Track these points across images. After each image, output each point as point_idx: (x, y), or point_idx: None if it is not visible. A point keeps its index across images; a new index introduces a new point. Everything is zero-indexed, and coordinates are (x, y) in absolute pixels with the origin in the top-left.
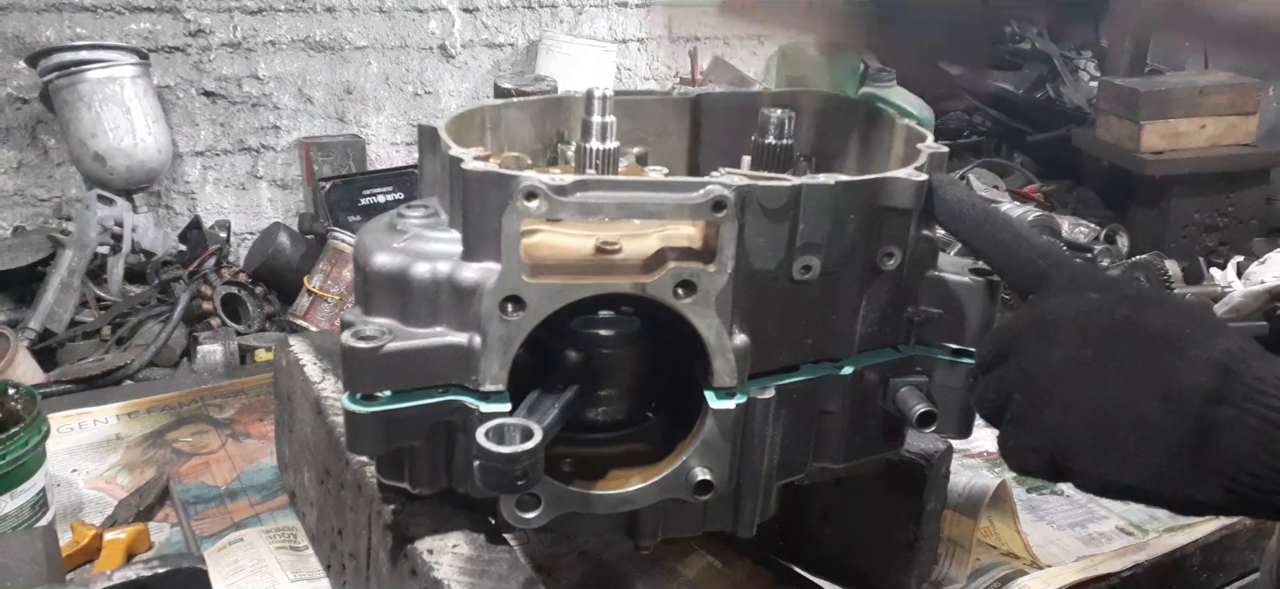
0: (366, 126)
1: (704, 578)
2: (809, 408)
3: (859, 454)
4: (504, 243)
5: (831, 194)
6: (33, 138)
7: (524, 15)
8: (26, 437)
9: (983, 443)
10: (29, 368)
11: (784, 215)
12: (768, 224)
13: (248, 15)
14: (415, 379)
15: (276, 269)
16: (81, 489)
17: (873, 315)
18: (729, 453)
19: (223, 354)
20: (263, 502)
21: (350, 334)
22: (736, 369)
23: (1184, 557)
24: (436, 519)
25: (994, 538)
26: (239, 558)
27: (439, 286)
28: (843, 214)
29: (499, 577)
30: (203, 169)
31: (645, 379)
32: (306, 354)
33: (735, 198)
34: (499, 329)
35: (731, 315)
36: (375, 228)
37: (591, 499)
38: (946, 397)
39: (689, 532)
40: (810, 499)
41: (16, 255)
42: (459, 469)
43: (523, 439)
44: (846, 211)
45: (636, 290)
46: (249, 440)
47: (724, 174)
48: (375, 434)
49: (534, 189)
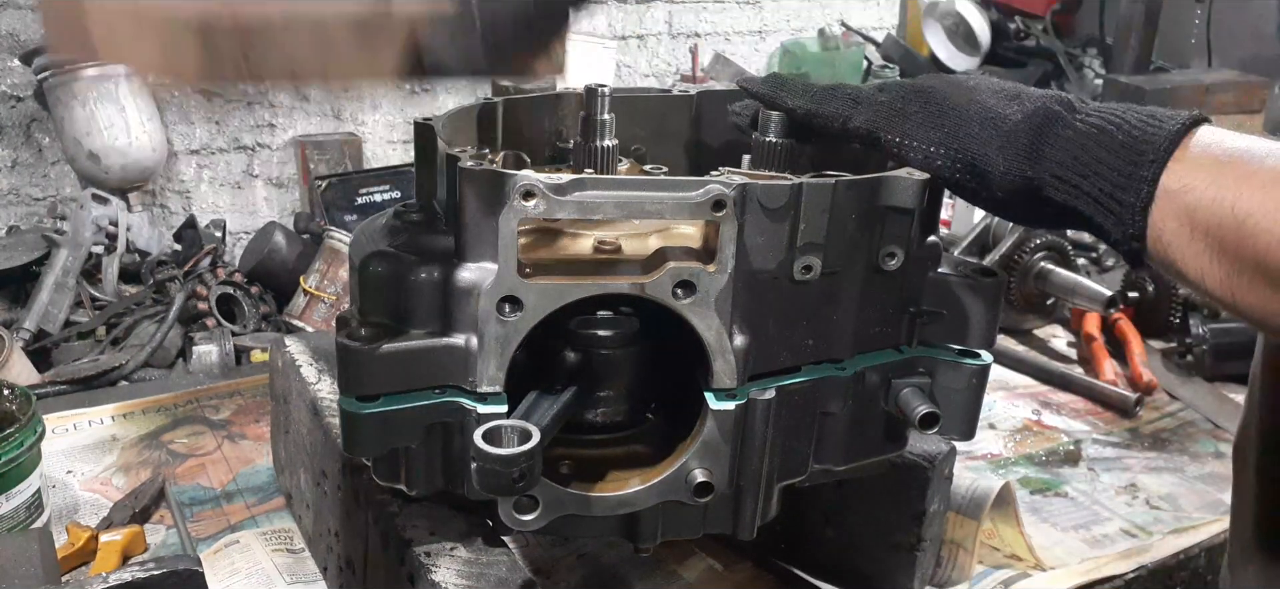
0: (363, 124)
1: (704, 581)
2: (810, 409)
3: (861, 456)
4: (501, 243)
5: (832, 193)
6: (27, 136)
7: None
8: (22, 438)
9: (986, 445)
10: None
11: (784, 215)
12: (768, 223)
13: None
14: (411, 380)
15: (272, 269)
16: (77, 491)
17: (874, 316)
18: (729, 454)
19: (218, 355)
20: (259, 503)
21: (346, 335)
22: (736, 370)
23: (1188, 559)
24: (434, 521)
25: (997, 540)
26: (235, 560)
27: (435, 287)
28: (844, 213)
29: (497, 579)
30: (198, 168)
31: (644, 380)
32: (302, 355)
33: (735, 197)
34: (496, 330)
35: (731, 316)
36: (371, 228)
37: (590, 501)
38: (949, 398)
39: (689, 534)
40: (812, 501)
41: (11, 255)
42: (456, 471)
43: (520, 441)
44: (847, 211)
45: (635, 290)
46: (245, 442)
47: (724, 173)
48: (371, 435)
49: (531, 188)
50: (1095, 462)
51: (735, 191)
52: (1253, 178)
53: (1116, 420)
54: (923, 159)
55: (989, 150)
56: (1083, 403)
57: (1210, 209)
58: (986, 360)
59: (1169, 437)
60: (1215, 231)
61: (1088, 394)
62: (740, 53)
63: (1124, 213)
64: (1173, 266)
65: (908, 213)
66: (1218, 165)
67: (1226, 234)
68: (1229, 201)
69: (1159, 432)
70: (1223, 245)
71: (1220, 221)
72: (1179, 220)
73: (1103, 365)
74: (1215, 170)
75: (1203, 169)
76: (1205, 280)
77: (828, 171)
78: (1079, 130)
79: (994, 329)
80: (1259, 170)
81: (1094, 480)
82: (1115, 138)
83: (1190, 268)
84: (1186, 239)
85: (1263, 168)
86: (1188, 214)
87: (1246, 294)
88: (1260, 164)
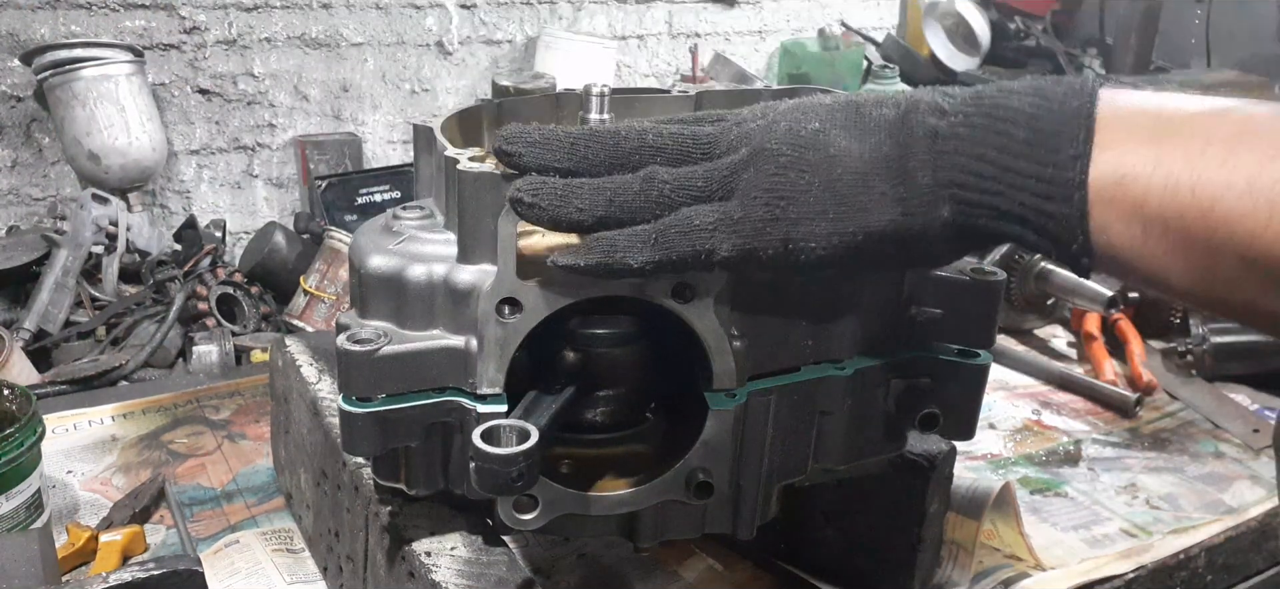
0: (363, 124)
1: (704, 580)
2: (809, 409)
3: (860, 455)
4: (500, 244)
5: None
6: (27, 136)
7: (522, 11)
8: (22, 438)
9: (986, 445)
10: (24, 368)
11: None
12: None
13: (243, 12)
14: (411, 382)
15: (272, 268)
16: (77, 491)
17: (874, 316)
18: (729, 454)
19: (218, 354)
20: (259, 503)
21: (346, 338)
22: (736, 370)
23: (1188, 559)
24: (434, 521)
25: (997, 540)
26: (235, 560)
27: (435, 289)
28: None
29: (497, 579)
30: (198, 168)
31: (644, 380)
32: (303, 354)
33: None
34: (495, 332)
35: (731, 316)
36: (370, 229)
37: (589, 501)
38: (949, 398)
39: (689, 534)
40: (811, 501)
41: (11, 255)
42: (456, 470)
43: (519, 440)
44: None
45: (634, 292)
46: (245, 442)
47: None
48: (371, 434)
49: None
50: (1095, 462)
51: None
52: (1204, 150)
53: (1116, 420)
54: (800, 258)
55: (885, 207)
56: (1083, 403)
57: (1162, 198)
58: (986, 360)
59: (1169, 437)
60: (1176, 224)
61: (1088, 394)
62: (740, 53)
63: (1058, 227)
64: (1130, 271)
65: None
66: (1152, 139)
67: (1191, 225)
68: (1186, 185)
69: (1159, 432)
70: (1188, 239)
71: (1180, 212)
72: (1126, 219)
73: (1103, 365)
74: (1152, 147)
75: (1135, 148)
76: (1172, 281)
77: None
78: (961, 135)
79: (994, 329)
80: (1205, 137)
81: (1094, 480)
82: (1014, 135)
83: (1151, 269)
84: (1140, 238)
85: (1210, 134)
86: (1135, 209)
87: (1232, 291)
88: (1203, 129)
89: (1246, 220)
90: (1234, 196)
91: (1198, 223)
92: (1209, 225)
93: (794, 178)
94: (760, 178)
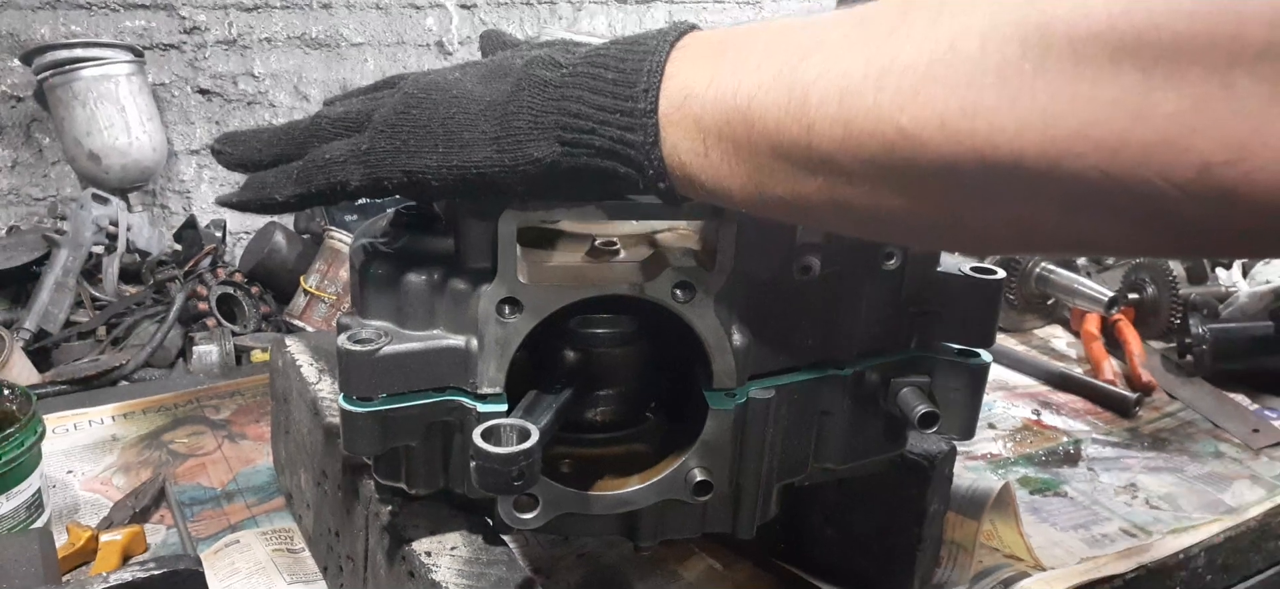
0: None
1: (704, 580)
2: (810, 409)
3: (860, 455)
4: (500, 245)
5: None
6: (27, 136)
7: (522, 12)
8: (22, 437)
9: (986, 445)
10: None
11: None
12: (767, 223)
13: (243, 12)
14: (411, 382)
15: (272, 268)
16: (77, 491)
17: (874, 315)
18: (729, 454)
19: (218, 354)
20: (259, 503)
21: (346, 337)
22: (736, 370)
23: (1188, 559)
24: (434, 520)
25: (996, 540)
26: (235, 560)
27: (435, 289)
28: None
29: (497, 578)
30: (198, 168)
31: (644, 379)
32: (303, 354)
33: None
34: (495, 332)
35: (731, 316)
36: (371, 229)
37: (589, 500)
38: (949, 398)
39: (688, 533)
40: (811, 501)
41: (11, 255)
42: (456, 470)
43: (519, 440)
44: None
45: (634, 291)
46: (245, 442)
47: None
48: (371, 434)
49: None
50: (1095, 461)
51: None
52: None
53: (1116, 420)
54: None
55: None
56: (1082, 403)
57: (715, 109)
58: (986, 360)
59: (1169, 437)
60: (726, 132)
61: (1087, 394)
62: None
63: (639, 155)
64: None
65: None
66: (712, 60)
67: (736, 130)
68: (730, 91)
69: (1159, 432)
70: (736, 145)
71: (728, 118)
72: (691, 137)
73: (1102, 365)
74: (711, 66)
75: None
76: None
77: None
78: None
79: (994, 329)
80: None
81: (1094, 480)
82: (605, 77)
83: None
84: (702, 153)
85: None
86: (696, 125)
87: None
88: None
89: (774, 111)
90: (764, 94)
91: (741, 126)
92: (748, 124)
93: (416, 114)
94: (389, 114)
